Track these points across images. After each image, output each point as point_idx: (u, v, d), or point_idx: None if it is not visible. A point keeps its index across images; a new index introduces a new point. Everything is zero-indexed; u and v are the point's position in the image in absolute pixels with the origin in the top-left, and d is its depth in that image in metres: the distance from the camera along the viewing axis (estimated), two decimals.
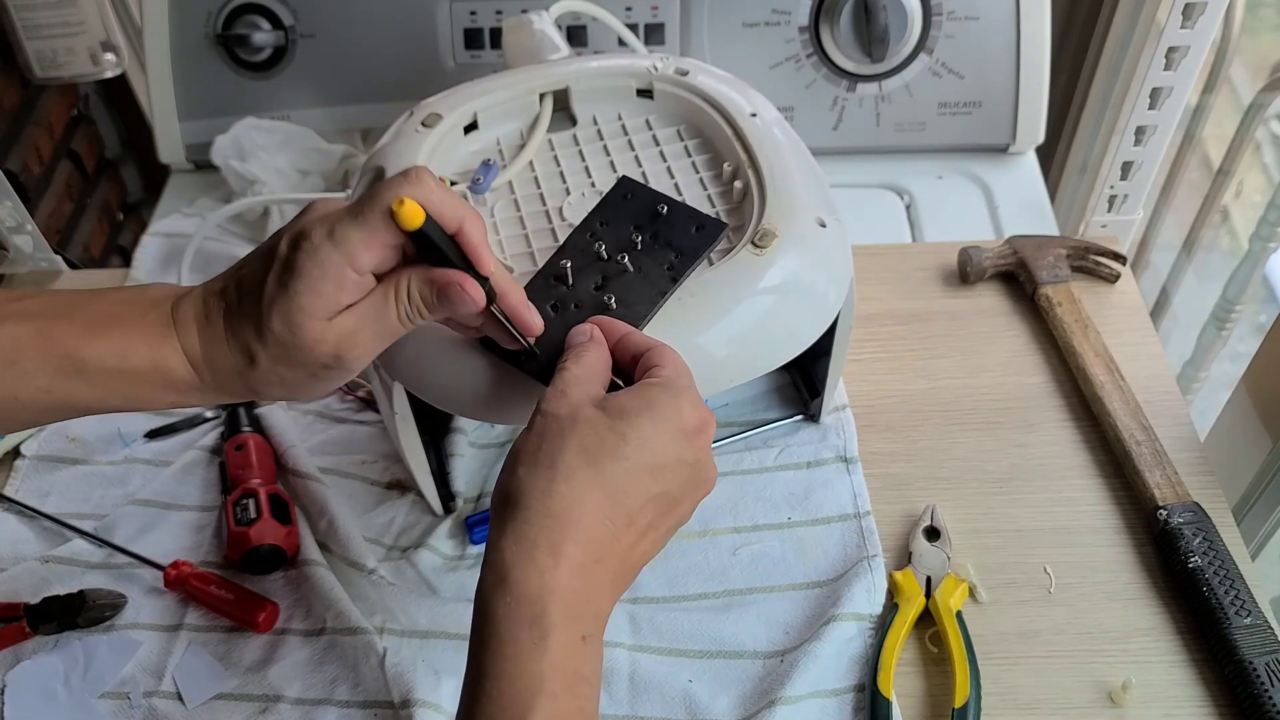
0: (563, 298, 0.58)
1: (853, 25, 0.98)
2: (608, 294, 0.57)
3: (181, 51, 1.03)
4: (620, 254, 0.59)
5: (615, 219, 0.61)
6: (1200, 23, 0.96)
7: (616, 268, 0.59)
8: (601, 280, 0.59)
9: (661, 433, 0.47)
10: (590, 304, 0.57)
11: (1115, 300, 0.87)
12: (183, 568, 0.70)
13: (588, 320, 0.53)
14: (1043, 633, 0.67)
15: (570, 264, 0.58)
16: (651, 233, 0.60)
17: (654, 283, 0.59)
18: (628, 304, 0.57)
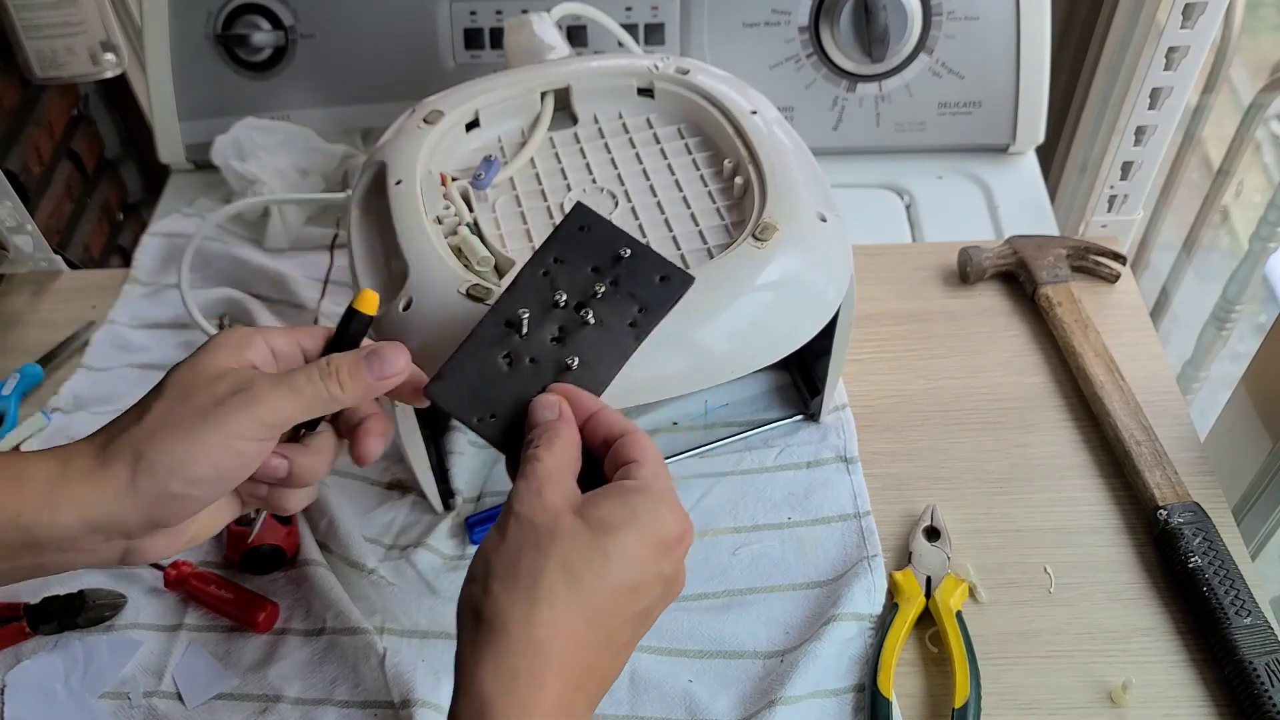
0: (516, 350, 0.52)
1: (853, 25, 0.98)
2: (568, 352, 0.52)
3: (181, 51, 1.03)
4: (580, 303, 0.53)
5: (572, 257, 0.54)
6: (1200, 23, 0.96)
7: (576, 319, 0.53)
8: (559, 332, 0.53)
9: (644, 548, 0.44)
10: (548, 360, 0.52)
11: (1115, 300, 0.87)
12: (183, 568, 0.70)
13: (551, 389, 0.50)
14: (1043, 633, 0.67)
15: (525, 312, 0.52)
16: (613, 278, 0.54)
17: (617, 340, 0.53)
18: (589, 364, 0.52)
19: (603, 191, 0.70)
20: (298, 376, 0.47)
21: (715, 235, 0.66)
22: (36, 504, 0.44)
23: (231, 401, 0.45)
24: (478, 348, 0.52)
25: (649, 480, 0.46)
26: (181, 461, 0.44)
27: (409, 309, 0.60)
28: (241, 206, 0.92)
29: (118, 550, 0.47)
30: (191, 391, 0.46)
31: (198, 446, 0.45)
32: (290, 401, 0.46)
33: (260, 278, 0.92)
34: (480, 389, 0.51)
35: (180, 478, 0.45)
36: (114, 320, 0.91)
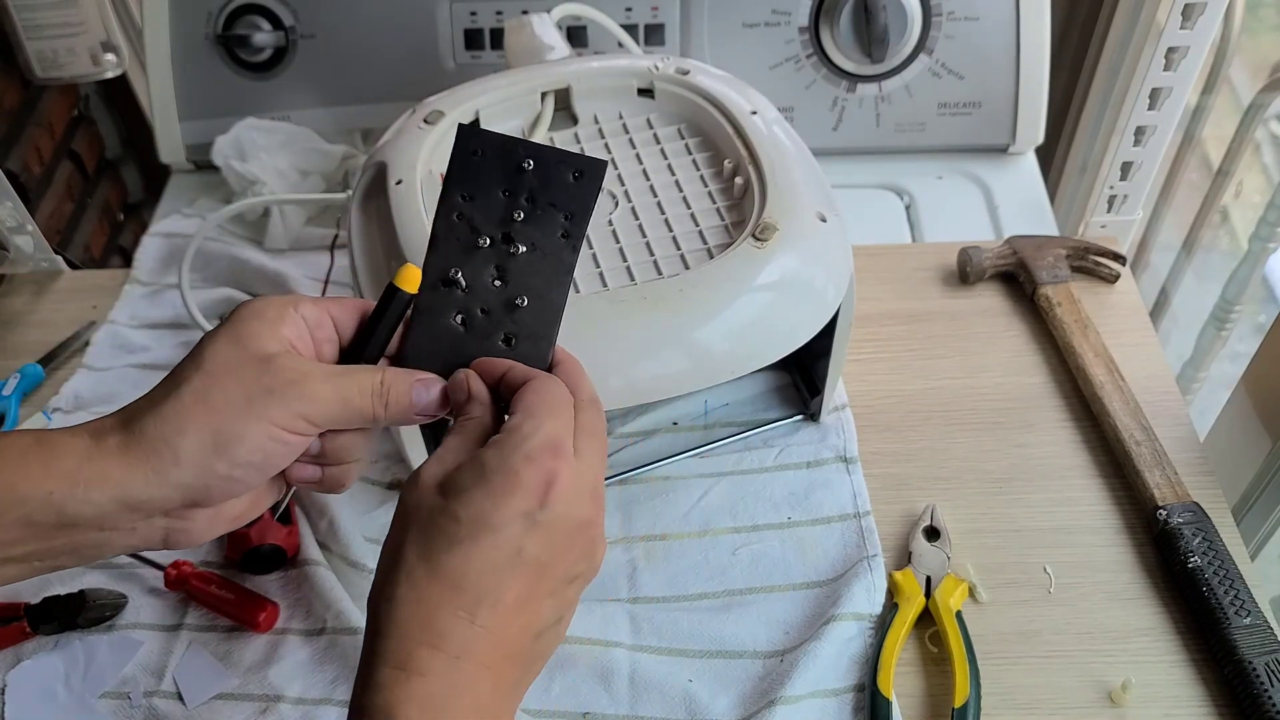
0: (465, 306, 0.50)
1: (853, 26, 0.98)
2: (513, 290, 0.50)
3: (182, 52, 1.03)
4: (505, 234, 0.50)
5: (479, 188, 0.50)
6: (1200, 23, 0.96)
7: (506, 254, 0.50)
8: (497, 271, 0.50)
9: (496, 500, 0.42)
10: (498, 306, 0.50)
11: (1115, 300, 0.87)
12: (183, 567, 0.70)
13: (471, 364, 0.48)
14: (1042, 633, 0.67)
15: (456, 268, 0.50)
16: (527, 195, 0.50)
17: (556, 259, 0.50)
18: (538, 294, 0.49)
19: (603, 191, 0.70)
20: (350, 388, 0.46)
21: (715, 235, 0.66)
22: (69, 481, 0.43)
23: (281, 394, 0.44)
24: (427, 319, 0.50)
25: (510, 431, 0.44)
26: (225, 445, 0.44)
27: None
28: (242, 207, 0.92)
29: (159, 530, 0.46)
30: (234, 372, 0.45)
31: (242, 431, 0.44)
32: (337, 410, 0.46)
33: (260, 278, 0.93)
34: (447, 357, 0.49)
35: (224, 460, 0.44)
36: (114, 320, 0.91)
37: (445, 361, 0.49)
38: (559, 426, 0.45)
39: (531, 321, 0.49)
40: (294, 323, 0.47)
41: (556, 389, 0.47)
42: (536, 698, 0.65)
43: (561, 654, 0.66)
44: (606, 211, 0.68)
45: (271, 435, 0.44)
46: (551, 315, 0.50)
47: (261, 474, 0.46)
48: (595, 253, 0.66)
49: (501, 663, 0.42)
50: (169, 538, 0.46)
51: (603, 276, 0.64)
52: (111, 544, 0.45)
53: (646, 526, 0.73)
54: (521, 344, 0.49)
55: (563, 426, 0.45)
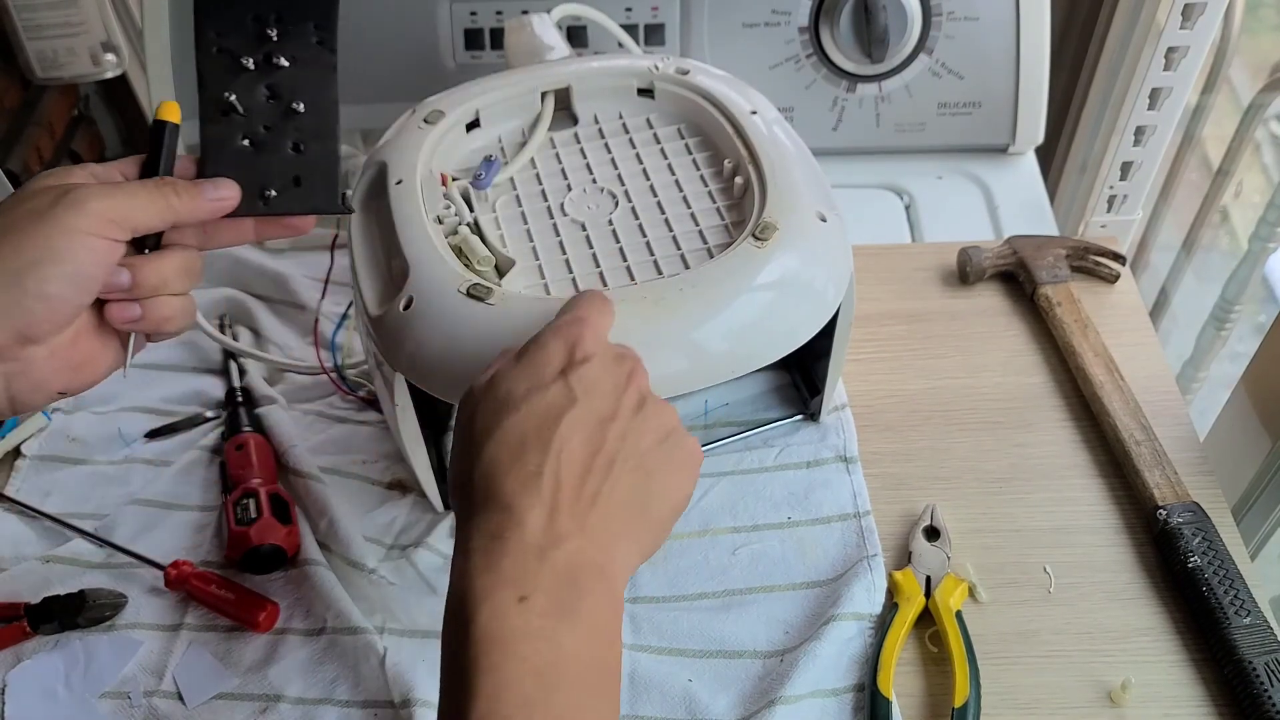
0: (248, 127, 0.54)
1: (852, 26, 0.98)
2: (286, 99, 0.54)
3: (182, 52, 1.03)
4: (265, 55, 0.54)
5: (228, 21, 0.54)
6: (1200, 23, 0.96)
7: (272, 71, 0.54)
8: (269, 90, 0.54)
9: (533, 369, 0.47)
10: (277, 118, 0.54)
11: (1115, 300, 0.87)
12: (183, 567, 0.70)
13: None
14: (1042, 632, 0.67)
15: (229, 93, 0.53)
16: (275, 15, 0.54)
17: (316, 62, 0.54)
18: (311, 100, 0.54)
19: (603, 191, 0.70)
20: (134, 185, 0.49)
21: (715, 235, 0.66)
22: None
23: (67, 200, 0.46)
24: (215, 146, 0.53)
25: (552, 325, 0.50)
26: (31, 260, 0.45)
27: (409, 308, 0.60)
28: None
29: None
30: (27, 203, 0.47)
31: (42, 240, 0.45)
32: (127, 200, 0.48)
33: (260, 277, 0.92)
34: (246, 176, 0.53)
35: (33, 275, 0.45)
36: None
37: (248, 178, 0.53)
38: (588, 310, 0.51)
39: (312, 123, 0.54)
40: (79, 175, 0.50)
41: (593, 296, 0.52)
42: None
43: None
44: (607, 211, 0.68)
45: (71, 239, 0.46)
46: (329, 113, 0.54)
47: (75, 287, 0.47)
48: (595, 253, 0.66)
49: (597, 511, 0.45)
50: (12, 385, 0.47)
51: (603, 276, 0.64)
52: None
53: None
54: (310, 146, 0.53)
55: (593, 310, 0.51)
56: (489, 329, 0.59)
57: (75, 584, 0.70)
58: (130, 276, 0.49)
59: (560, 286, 0.63)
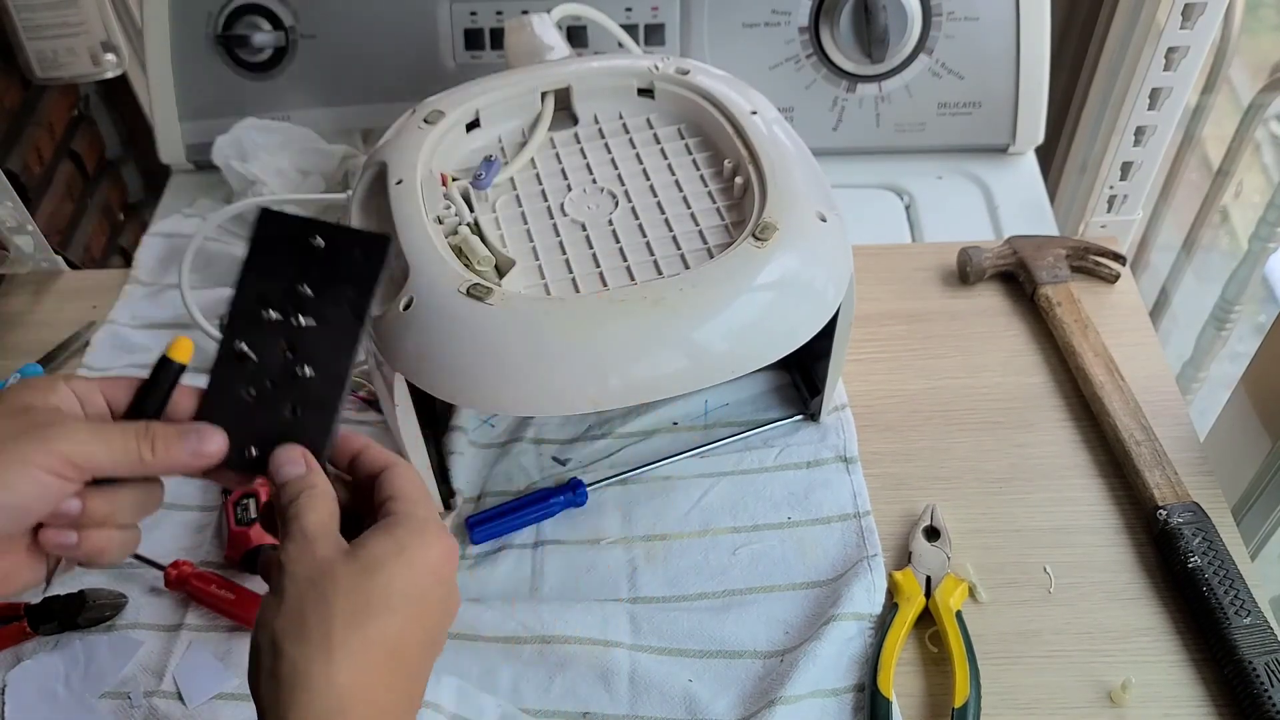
0: (255, 377, 0.51)
1: (852, 26, 0.98)
2: (299, 361, 0.51)
3: (182, 52, 1.03)
4: (293, 309, 0.52)
5: (273, 268, 0.53)
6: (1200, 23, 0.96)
7: (295, 328, 0.52)
8: (288, 344, 0.52)
9: (416, 575, 0.46)
10: (284, 376, 0.51)
11: (1115, 300, 0.87)
12: (183, 567, 0.70)
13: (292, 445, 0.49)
14: (1042, 632, 0.67)
15: (248, 341, 0.51)
16: (318, 274, 0.52)
17: (341, 329, 0.52)
18: (322, 364, 0.51)
19: (603, 191, 0.70)
20: (113, 430, 0.46)
21: (715, 235, 0.66)
22: None
23: (37, 434, 0.43)
24: (220, 390, 0.51)
25: (408, 510, 0.47)
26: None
27: (409, 308, 0.60)
28: (242, 207, 0.92)
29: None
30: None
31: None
32: (100, 450, 0.45)
33: None
34: (237, 429, 0.50)
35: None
36: (115, 320, 0.91)
37: (237, 431, 0.50)
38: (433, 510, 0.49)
39: (316, 391, 0.51)
40: (64, 394, 0.46)
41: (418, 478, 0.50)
42: (536, 697, 0.65)
43: (561, 654, 0.66)
44: (607, 211, 0.68)
45: (24, 474, 0.43)
46: (336, 384, 0.51)
47: (15, 518, 0.44)
48: (595, 253, 0.66)
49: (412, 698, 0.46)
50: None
51: (603, 276, 0.64)
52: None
53: (646, 526, 0.73)
54: (307, 413, 0.51)
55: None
56: (489, 329, 0.59)
57: (75, 584, 0.70)
58: (79, 505, 0.46)
59: (560, 286, 0.63)
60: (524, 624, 0.67)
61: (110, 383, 0.48)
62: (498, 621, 0.67)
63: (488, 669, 0.66)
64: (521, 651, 0.66)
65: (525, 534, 0.74)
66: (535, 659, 0.66)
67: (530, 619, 0.67)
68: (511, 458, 0.78)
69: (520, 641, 0.67)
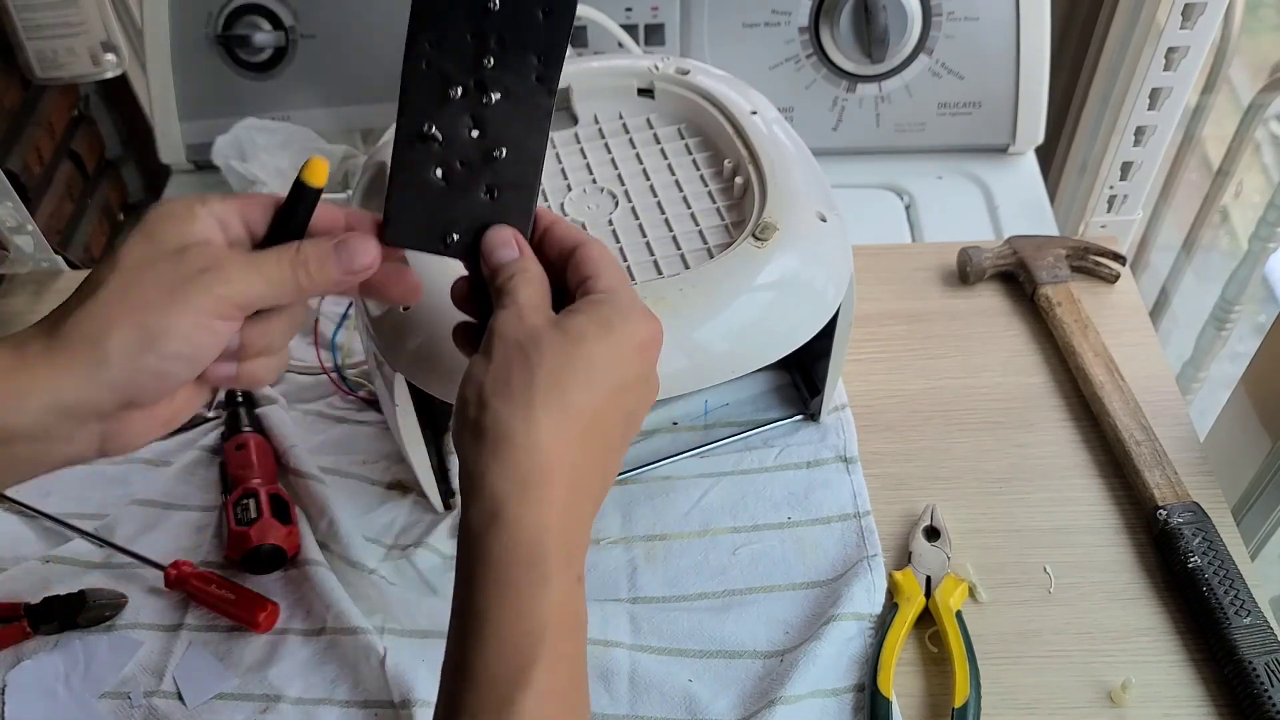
0: (444, 160, 0.49)
1: (852, 26, 0.98)
2: (490, 141, 0.48)
3: (182, 52, 1.03)
4: (477, 81, 0.48)
5: (443, 35, 0.49)
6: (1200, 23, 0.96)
7: (480, 104, 0.48)
8: (473, 122, 0.48)
9: (621, 352, 0.46)
10: (476, 157, 0.48)
11: (1115, 300, 0.87)
12: (183, 567, 0.70)
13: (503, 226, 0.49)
14: (1042, 632, 0.67)
15: (430, 121, 0.49)
16: (497, 38, 0.48)
17: (531, 103, 0.48)
18: (515, 144, 0.48)
19: (603, 191, 0.70)
20: (268, 261, 0.47)
21: (715, 235, 0.66)
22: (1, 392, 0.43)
23: (201, 280, 0.44)
24: (407, 173, 0.49)
25: (612, 289, 0.48)
26: (152, 339, 0.44)
27: (410, 308, 0.60)
28: None
29: (94, 436, 0.45)
30: (150, 267, 0.45)
31: (171, 323, 0.44)
32: (260, 286, 0.46)
33: None
34: (431, 215, 0.48)
35: (154, 354, 0.44)
36: None
37: (431, 216, 0.48)
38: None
39: (512, 171, 0.48)
40: (204, 220, 0.47)
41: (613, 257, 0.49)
42: None
43: None
44: (607, 211, 0.68)
45: (198, 324, 0.44)
46: (532, 164, 0.49)
47: (192, 366, 0.46)
48: None
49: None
50: (105, 444, 0.46)
51: None
52: (49, 455, 0.45)
53: (646, 526, 0.73)
54: (504, 195, 0.48)
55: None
56: None
57: (75, 584, 0.70)
58: (239, 340, 0.47)
59: None
60: None
61: (248, 203, 0.49)
62: None
63: None
64: None
65: None
66: None
67: None
68: None
69: None
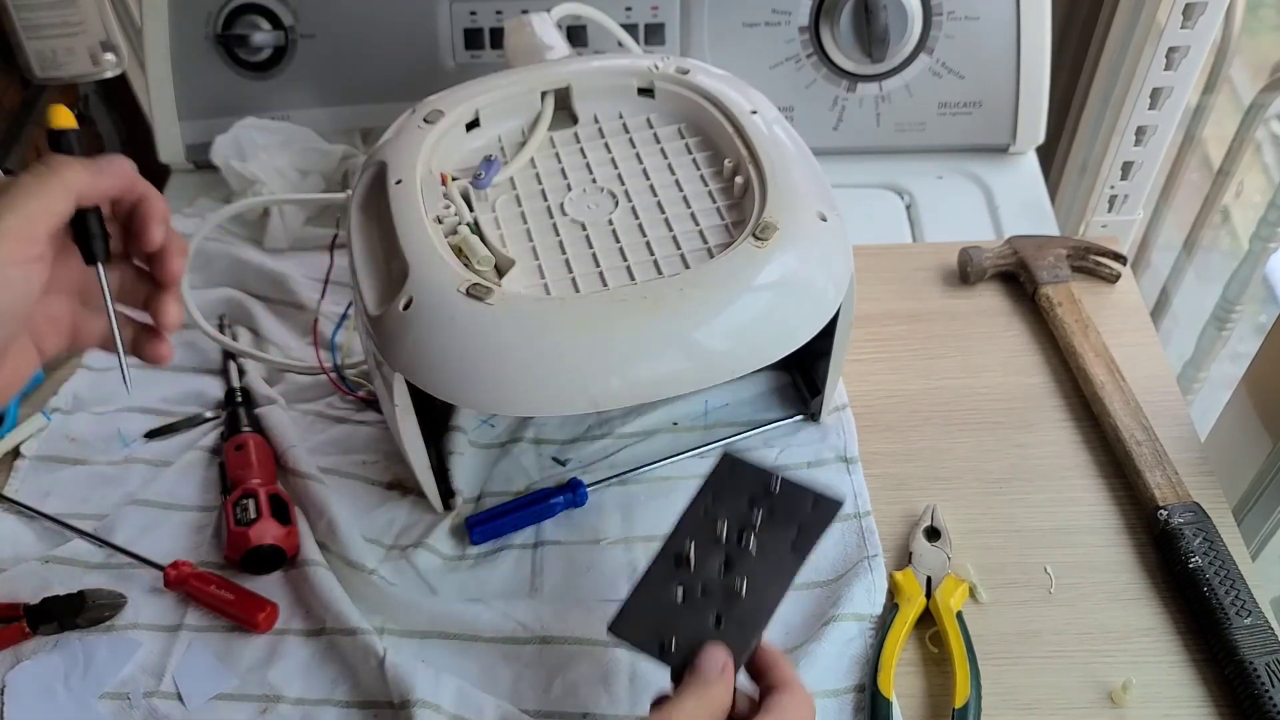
0: (688, 583, 0.57)
1: (853, 25, 0.98)
2: (736, 578, 0.57)
3: (181, 51, 1.03)
4: (740, 534, 0.58)
5: (725, 496, 0.60)
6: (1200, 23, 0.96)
7: (738, 549, 0.58)
8: (725, 562, 0.58)
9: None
10: (718, 590, 0.56)
11: (1115, 300, 0.87)
12: (183, 568, 0.70)
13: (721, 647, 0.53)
14: (1043, 633, 0.67)
15: (693, 546, 0.58)
16: (768, 508, 0.59)
17: (780, 564, 0.57)
18: (757, 589, 0.56)
19: (603, 191, 0.70)
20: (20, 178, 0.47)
21: (715, 235, 0.66)
22: None
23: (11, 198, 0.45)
24: (652, 584, 0.57)
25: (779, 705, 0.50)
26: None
27: (409, 308, 0.60)
28: (241, 207, 0.92)
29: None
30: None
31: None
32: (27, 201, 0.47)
33: (260, 278, 0.92)
34: (660, 622, 0.55)
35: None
36: None
37: (658, 621, 0.55)
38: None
39: (745, 611, 0.56)
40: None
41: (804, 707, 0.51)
42: (536, 699, 0.65)
43: (561, 655, 0.66)
44: (607, 211, 0.68)
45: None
46: (765, 610, 0.56)
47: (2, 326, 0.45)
48: (595, 252, 0.66)
49: None
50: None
51: (603, 276, 0.64)
52: None
53: (647, 526, 0.73)
54: (729, 626, 0.55)
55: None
56: (489, 329, 0.59)
57: (75, 584, 0.70)
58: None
59: (560, 286, 0.63)
60: (523, 624, 0.67)
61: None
62: (497, 622, 0.67)
63: (487, 670, 0.66)
64: (521, 652, 0.66)
65: (525, 534, 0.74)
66: (535, 660, 0.66)
67: (530, 619, 0.67)
68: (511, 458, 0.78)
69: (520, 642, 0.67)
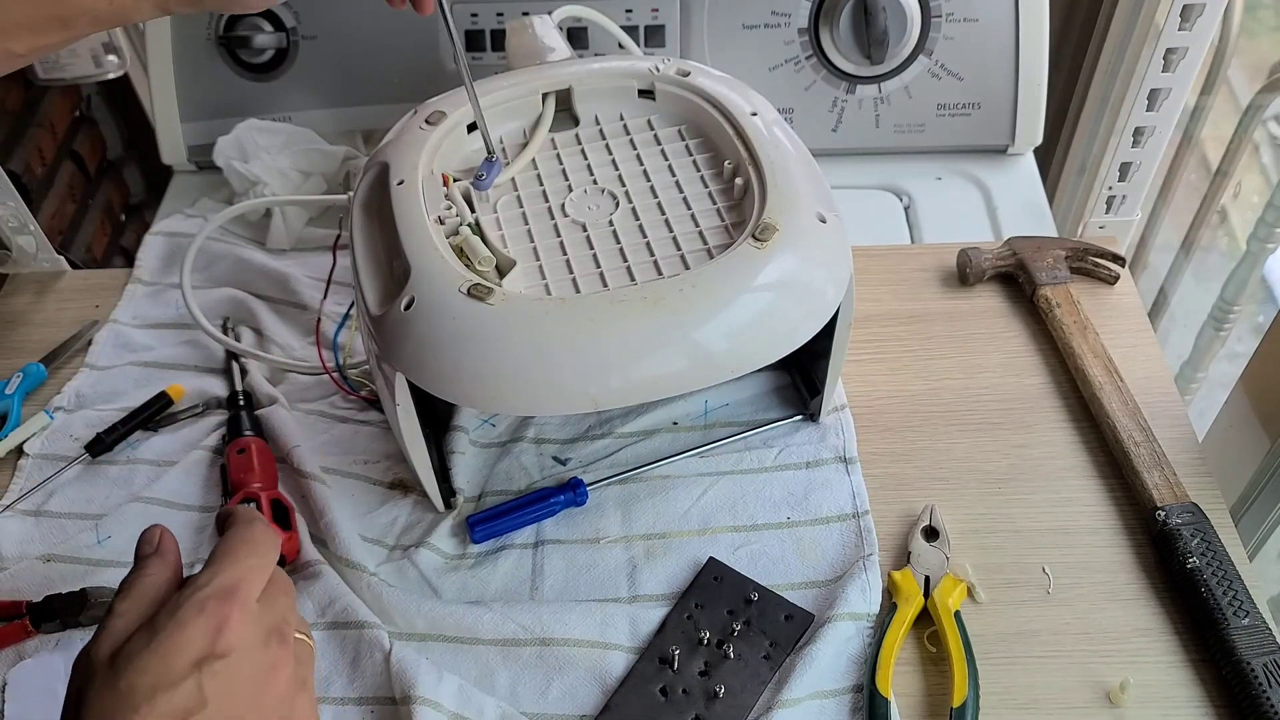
0: (670, 683, 0.63)
1: (852, 27, 0.99)
2: (714, 682, 0.63)
3: (184, 53, 1.03)
4: (720, 640, 0.65)
5: (709, 602, 0.67)
6: (1198, 24, 0.97)
7: (718, 654, 0.64)
8: (705, 665, 0.64)
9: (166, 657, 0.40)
10: (698, 691, 0.63)
11: (1114, 301, 0.87)
12: None
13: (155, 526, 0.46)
14: (1041, 633, 0.67)
15: (676, 649, 0.64)
16: (745, 619, 0.66)
17: (755, 672, 0.64)
18: (734, 692, 0.62)
19: (604, 192, 0.70)
20: None
21: (715, 235, 0.66)
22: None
23: None
24: (637, 683, 0.63)
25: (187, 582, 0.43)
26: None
27: (410, 308, 0.61)
28: (244, 207, 0.92)
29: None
30: None
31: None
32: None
33: (262, 278, 0.93)
34: (644, 716, 0.61)
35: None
36: (117, 320, 0.91)
37: (643, 717, 0.62)
38: (243, 571, 0.43)
39: (722, 712, 0.62)
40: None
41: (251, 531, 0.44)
42: (534, 701, 0.65)
43: (560, 657, 0.66)
44: (607, 212, 0.69)
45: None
46: (743, 710, 0.62)
47: None
48: (596, 253, 0.66)
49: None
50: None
51: (603, 276, 0.64)
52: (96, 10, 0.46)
53: (646, 526, 0.74)
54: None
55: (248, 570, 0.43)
56: (490, 329, 0.59)
57: (77, 582, 0.70)
58: None
59: (561, 287, 0.64)
60: (523, 626, 0.67)
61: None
62: (496, 623, 0.67)
63: (486, 671, 0.66)
64: (520, 654, 0.66)
65: (525, 533, 0.74)
66: (534, 661, 0.66)
67: (529, 621, 0.67)
68: (512, 457, 0.78)
69: (519, 644, 0.67)
